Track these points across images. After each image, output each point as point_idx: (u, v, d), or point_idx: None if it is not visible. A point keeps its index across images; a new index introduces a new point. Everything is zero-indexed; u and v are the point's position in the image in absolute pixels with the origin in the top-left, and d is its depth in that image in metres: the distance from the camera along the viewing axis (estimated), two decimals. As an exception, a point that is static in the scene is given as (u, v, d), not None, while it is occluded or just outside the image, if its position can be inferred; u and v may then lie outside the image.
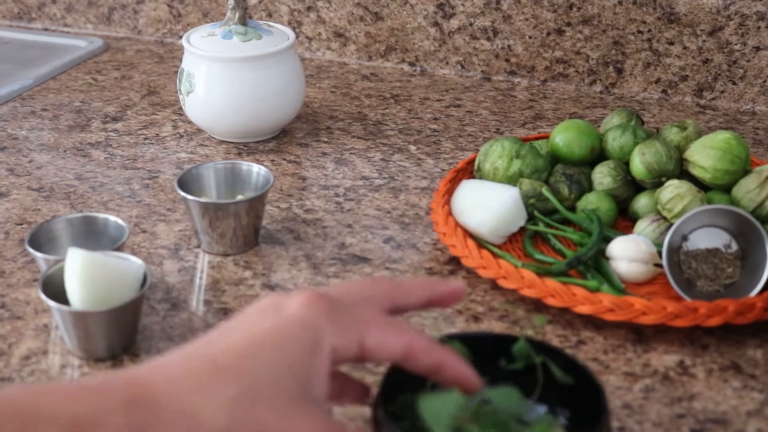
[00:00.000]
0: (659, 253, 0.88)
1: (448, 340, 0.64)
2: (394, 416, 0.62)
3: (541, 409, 0.68)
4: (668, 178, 0.95)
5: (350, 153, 1.14)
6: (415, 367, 0.58)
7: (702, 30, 1.25)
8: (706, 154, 0.95)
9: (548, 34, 1.31)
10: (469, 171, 1.02)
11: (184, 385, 0.51)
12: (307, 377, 0.53)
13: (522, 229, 0.95)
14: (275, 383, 0.52)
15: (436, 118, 1.23)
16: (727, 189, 0.95)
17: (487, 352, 0.69)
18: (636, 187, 0.98)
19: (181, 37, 1.45)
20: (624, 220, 0.98)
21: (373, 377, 0.74)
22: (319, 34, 1.40)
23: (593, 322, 0.83)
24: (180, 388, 0.51)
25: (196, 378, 0.51)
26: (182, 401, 0.50)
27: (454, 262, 0.91)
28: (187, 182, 0.93)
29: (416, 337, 0.58)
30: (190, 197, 0.91)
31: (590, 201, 0.95)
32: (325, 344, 0.54)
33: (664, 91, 1.29)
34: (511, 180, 0.97)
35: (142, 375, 0.51)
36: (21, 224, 0.98)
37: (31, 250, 0.83)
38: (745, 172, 0.95)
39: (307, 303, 0.55)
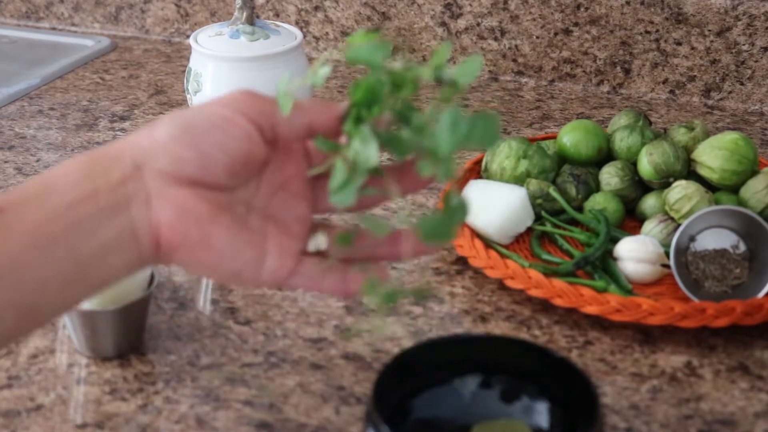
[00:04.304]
0: (667, 254, 0.88)
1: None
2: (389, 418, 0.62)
3: (543, 406, 0.68)
4: (676, 179, 0.95)
5: (357, 153, 1.13)
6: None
7: (710, 30, 1.25)
8: (714, 155, 0.95)
9: (556, 34, 1.31)
10: (477, 171, 1.02)
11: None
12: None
13: (529, 230, 0.95)
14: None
15: (443, 118, 1.23)
16: (734, 190, 0.95)
17: (490, 353, 0.70)
18: (643, 187, 0.98)
19: (188, 37, 1.44)
20: (631, 220, 0.98)
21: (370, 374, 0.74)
22: (327, 33, 1.40)
23: (600, 323, 0.83)
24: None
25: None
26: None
27: (462, 262, 0.91)
28: (194, 182, 0.93)
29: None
30: (197, 197, 0.90)
31: (597, 201, 0.95)
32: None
33: (671, 92, 1.29)
34: (519, 180, 0.97)
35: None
36: (28, 223, 0.98)
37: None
38: (753, 173, 0.95)
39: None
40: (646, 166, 0.96)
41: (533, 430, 0.67)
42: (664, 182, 0.96)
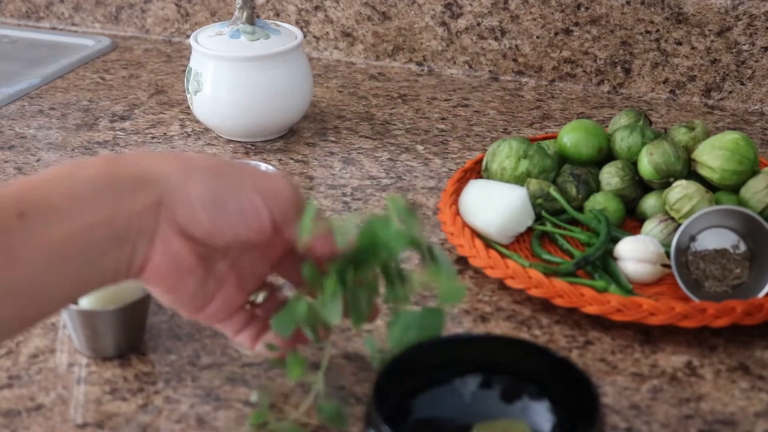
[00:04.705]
0: (667, 254, 0.88)
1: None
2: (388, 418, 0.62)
3: (543, 406, 0.68)
4: (676, 179, 0.95)
5: (357, 152, 1.14)
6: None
7: (710, 30, 1.25)
8: (715, 155, 0.94)
9: (556, 34, 1.31)
10: (477, 171, 1.02)
11: (158, 153, 0.66)
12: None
13: (529, 229, 0.95)
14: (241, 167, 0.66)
15: (443, 118, 1.23)
16: (735, 189, 0.95)
17: (490, 353, 0.70)
18: (644, 187, 0.98)
19: (188, 37, 1.45)
20: (632, 220, 0.98)
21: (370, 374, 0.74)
22: (327, 33, 1.40)
23: (601, 323, 0.83)
24: (153, 152, 0.66)
25: (167, 152, 0.65)
26: (157, 154, 0.64)
27: (462, 262, 0.91)
28: (194, 181, 0.93)
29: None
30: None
31: (598, 201, 0.95)
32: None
33: (672, 92, 1.29)
34: (519, 180, 0.97)
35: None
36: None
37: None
38: (754, 173, 0.95)
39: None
40: (646, 165, 0.96)
41: (533, 431, 0.67)
42: (665, 182, 0.96)
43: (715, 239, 0.88)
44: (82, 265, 0.60)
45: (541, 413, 0.68)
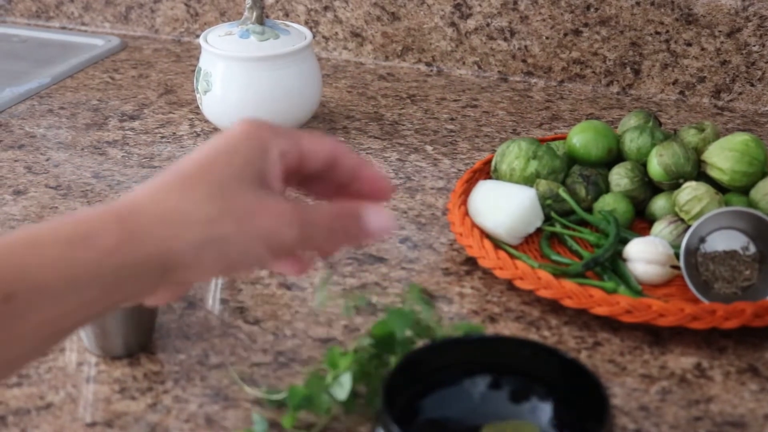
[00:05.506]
0: (676, 255, 0.88)
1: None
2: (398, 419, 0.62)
3: (552, 407, 0.68)
4: (686, 180, 0.95)
5: (366, 153, 1.14)
6: (341, 169, 0.64)
7: (720, 31, 1.24)
8: (724, 156, 0.94)
9: (565, 34, 1.31)
10: (486, 171, 1.02)
11: (161, 195, 0.58)
12: (264, 172, 0.61)
13: (539, 230, 0.95)
14: (237, 179, 0.60)
15: (452, 119, 1.23)
16: (745, 191, 0.95)
17: (499, 354, 0.70)
18: (653, 188, 0.98)
19: (198, 36, 1.45)
20: (641, 221, 0.98)
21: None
22: (336, 33, 1.40)
23: (610, 324, 0.83)
24: (158, 198, 0.58)
25: (169, 188, 0.59)
26: (162, 206, 0.58)
27: (471, 262, 0.91)
28: (204, 181, 0.93)
29: (338, 144, 0.65)
30: (207, 196, 0.91)
31: (607, 202, 0.95)
32: (273, 146, 0.62)
33: (681, 93, 1.29)
34: (528, 181, 0.97)
35: (123, 200, 0.59)
36: (39, 222, 0.99)
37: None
38: (764, 174, 0.95)
39: (247, 122, 0.64)
40: (656, 167, 0.96)
41: None
42: (674, 183, 0.96)
43: (725, 241, 0.88)
44: (74, 330, 0.58)
45: (550, 414, 0.68)
